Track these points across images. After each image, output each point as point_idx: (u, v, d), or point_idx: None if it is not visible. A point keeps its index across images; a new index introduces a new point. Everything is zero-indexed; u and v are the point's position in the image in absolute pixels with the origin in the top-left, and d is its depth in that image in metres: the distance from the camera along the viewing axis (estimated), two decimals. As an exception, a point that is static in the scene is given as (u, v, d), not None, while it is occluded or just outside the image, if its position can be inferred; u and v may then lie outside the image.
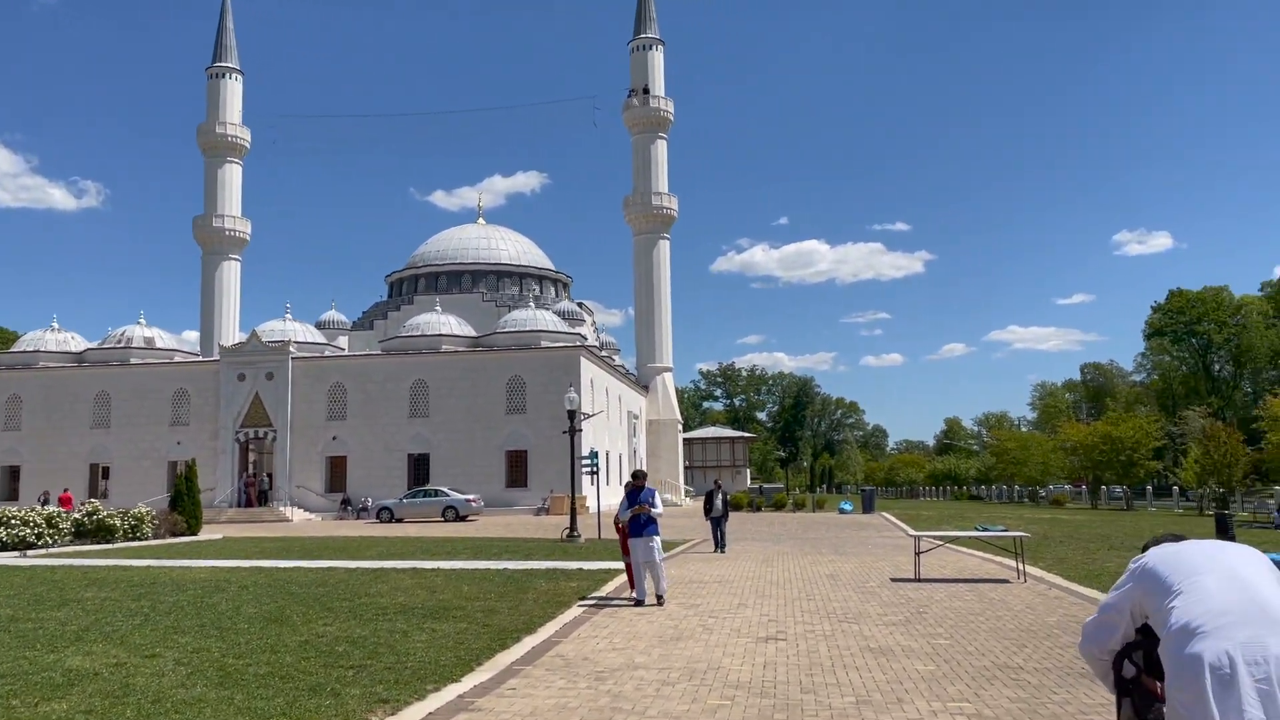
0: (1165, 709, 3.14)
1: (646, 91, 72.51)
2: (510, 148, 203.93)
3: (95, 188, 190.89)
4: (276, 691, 8.12)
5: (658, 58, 74.07)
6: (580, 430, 31.98)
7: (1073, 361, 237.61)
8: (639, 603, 13.55)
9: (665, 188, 72.74)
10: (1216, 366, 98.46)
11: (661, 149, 73.27)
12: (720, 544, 24.45)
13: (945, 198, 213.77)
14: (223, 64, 76.35)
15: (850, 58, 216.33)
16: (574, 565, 20.03)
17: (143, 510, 31.12)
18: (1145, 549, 3.59)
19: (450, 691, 8.15)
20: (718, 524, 24.78)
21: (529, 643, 10.58)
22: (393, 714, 7.39)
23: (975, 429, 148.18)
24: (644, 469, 14.76)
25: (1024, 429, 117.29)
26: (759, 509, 52.68)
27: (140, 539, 30.00)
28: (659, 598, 13.71)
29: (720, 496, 25.10)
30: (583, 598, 14.51)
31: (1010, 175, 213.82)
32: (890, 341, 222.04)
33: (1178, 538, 3.59)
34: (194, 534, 32.77)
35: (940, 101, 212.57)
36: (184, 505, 32.77)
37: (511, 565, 20.24)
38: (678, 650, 10.08)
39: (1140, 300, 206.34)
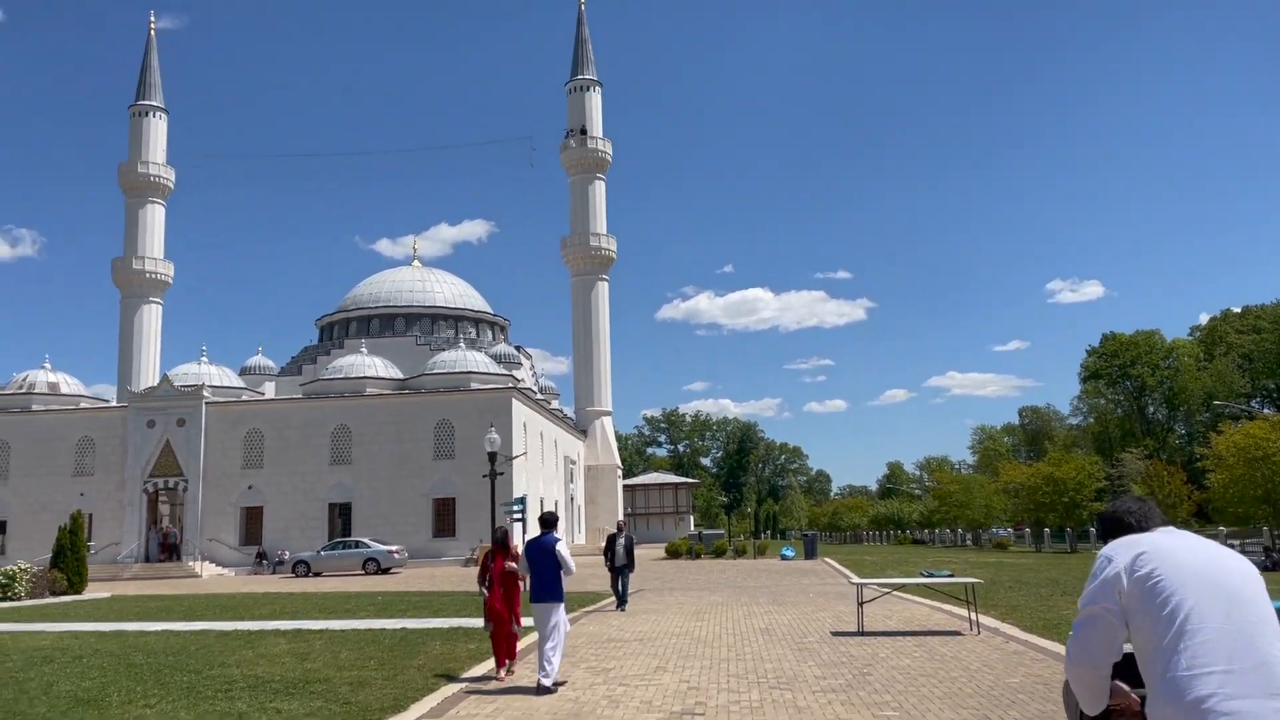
0: None
1: (584, 132, 71.43)
2: (453, 194, 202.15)
3: (30, 236, 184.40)
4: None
5: (595, 99, 73.13)
6: (502, 474, 29.88)
7: (1010, 406, 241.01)
8: (538, 686, 10.24)
9: (604, 228, 71.43)
10: (1151, 409, 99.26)
11: (599, 190, 72.05)
12: (621, 599, 20.44)
13: (886, 247, 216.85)
14: (146, 102, 73.72)
15: (793, 106, 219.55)
16: (481, 622, 17.91)
17: (17, 568, 28.20)
18: (1109, 525, 3.35)
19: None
20: (620, 574, 20.63)
21: (385, 727, 8.55)
22: None
23: (917, 473, 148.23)
24: (554, 512, 11.95)
25: (965, 472, 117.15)
26: (698, 556, 50.69)
27: (11, 599, 27.08)
28: (551, 685, 10.21)
29: (623, 541, 20.95)
30: (473, 665, 12.48)
31: (948, 225, 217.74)
32: (833, 388, 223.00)
33: (1143, 505, 3.36)
34: (77, 593, 29.84)
35: (881, 152, 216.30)
36: (67, 562, 29.86)
37: (412, 624, 18.07)
38: (566, 734, 8.14)
39: (1074, 347, 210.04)
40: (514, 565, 11.50)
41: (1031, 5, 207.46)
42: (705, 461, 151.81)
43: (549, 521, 11.00)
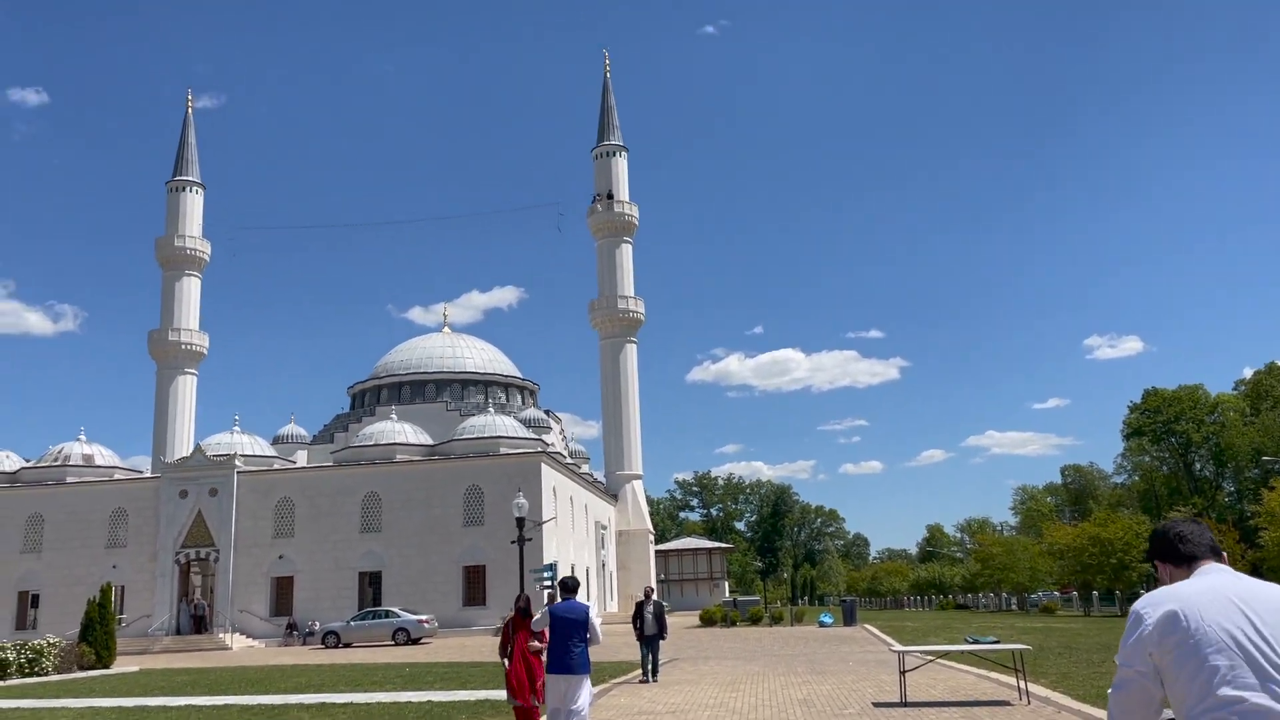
0: None
1: (610, 197, 72.02)
2: (483, 261, 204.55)
3: (72, 311, 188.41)
4: None
5: (621, 164, 73.87)
6: (530, 540, 29.37)
7: (1052, 465, 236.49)
8: None
9: (631, 291, 71.57)
10: (1198, 466, 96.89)
11: (627, 253, 72.37)
12: (652, 671, 19.33)
13: (917, 305, 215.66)
14: (183, 177, 75.45)
15: (820, 164, 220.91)
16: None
17: (45, 642, 27.95)
18: (1156, 545, 3.29)
19: None
20: (650, 644, 19.52)
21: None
22: None
23: (958, 535, 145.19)
24: (575, 577, 11.29)
25: (1007, 534, 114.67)
26: (734, 623, 49.50)
27: (39, 674, 26.77)
28: None
29: (652, 608, 19.76)
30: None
31: (980, 281, 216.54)
32: (869, 448, 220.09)
33: (1195, 529, 3.26)
34: (105, 667, 29.51)
35: (910, 208, 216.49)
36: (95, 635, 29.59)
37: (439, 696, 17.52)
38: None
39: (1115, 403, 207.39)
40: (536, 644, 10.93)
41: (1063, 56, 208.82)
42: (739, 526, 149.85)
43: (570, 587, 10.36)
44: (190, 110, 77.02)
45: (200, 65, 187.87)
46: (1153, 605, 3.07)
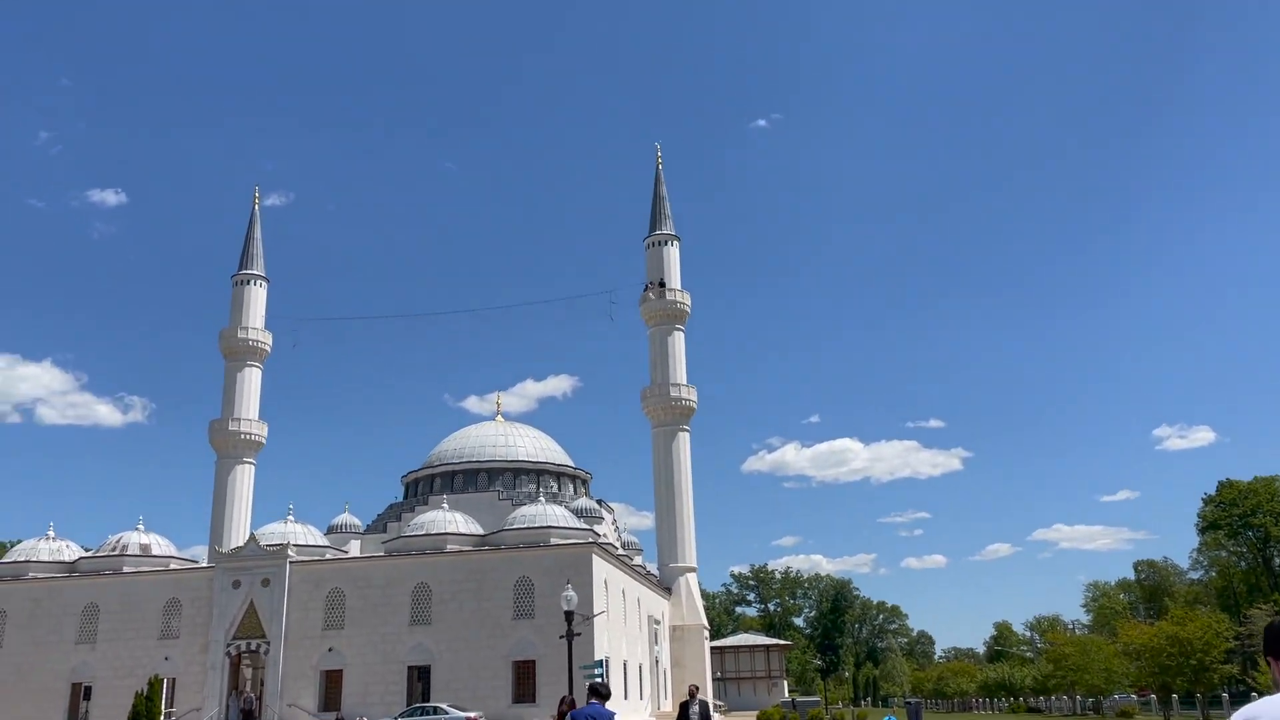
0: None
1: (662, 285, 72.44)
2: (536, 350, 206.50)
3: (141, 402, 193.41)
4: None
5: (673, 252, 74.46)
6: (579, 634, 28.57)
7: (1123, 560, 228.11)
8: None
9: (684, 379, 71.29)
10: (1277, 561, 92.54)
11: (679, 341, 72.36)
12: None
13: (979, 393, 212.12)
14: (248, 271, 77.66)
15: (876, 247, 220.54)
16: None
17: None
18: (1270, 638, 3.32)
19: None
20: None
21: None
22: None
23: (1027, 633, 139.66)
24: (606, 684, 10.54)
25: (1079, 632, 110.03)
26: (793, 725, 47.51)
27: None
28: None
29: (697, 709, 18.61)
30: None
31: (1044, 370, 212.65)
32: (932, 542, 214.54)
33: None
34: (148, 761, 29.05)
35: (970, 295, 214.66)
36: (139, 728, 29.21)
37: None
38: None
39: (1188, 495, 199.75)
40: None
41: (1120, 148, 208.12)
42: (798, 621, 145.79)
43: (601, 692, 9.72)
44: (256, 207, 79.79)
45: (269, 162, 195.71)
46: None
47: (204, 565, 54.51)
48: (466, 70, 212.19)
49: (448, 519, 52.06)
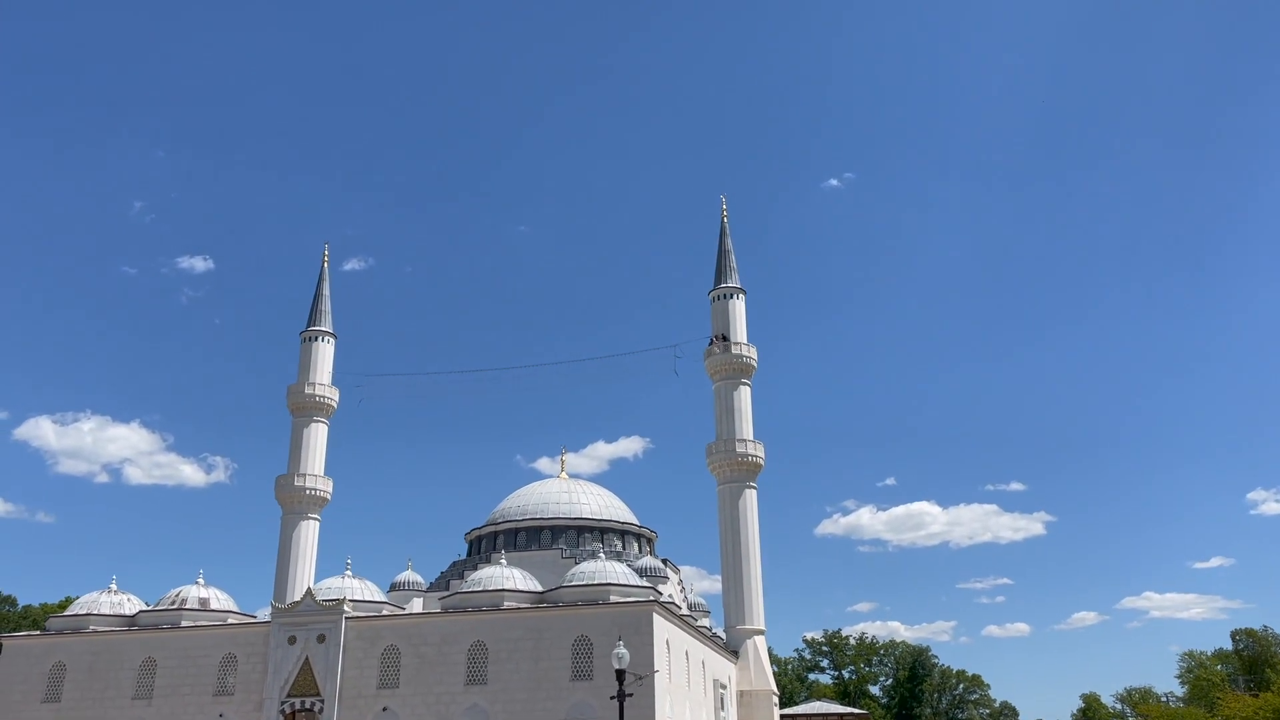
0: None
1: (726, 339, 71.05)
2: (606, 411, 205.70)
3: (224, 462, 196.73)
4: None
5: (739, 306, 73.14)
6: (630, 694, 26.80)
7: (1217, 629, 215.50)
8: None
9: (750, 434, 69.36)
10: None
11: (745, 395, 70.62)
12: None
13: (1062, 455, 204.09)
14: (316, 328, 78.49)
15: (952, 304, 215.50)
16: None
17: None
18: None
19: None
20: None
21: None
22: None
23: (1117, 706, 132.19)
24: None
25: (1174, 704, 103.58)
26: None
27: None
28: None
29: None
30: None
31: (1130, 431, 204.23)
32: (1014, 609, 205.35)
33: None
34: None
35: (1050, 353, 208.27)
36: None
37: None
38: None
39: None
40: None
41: (1206, 207, 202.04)
42: (874, 690, 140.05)
43: None
44: (325, 264, 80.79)
45: (350, 228, 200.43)
46: None
47: (261, 620, 53.83)
48: (540, 134, 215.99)
49: (505, 575, 50.68)
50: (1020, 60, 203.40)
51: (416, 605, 67.84)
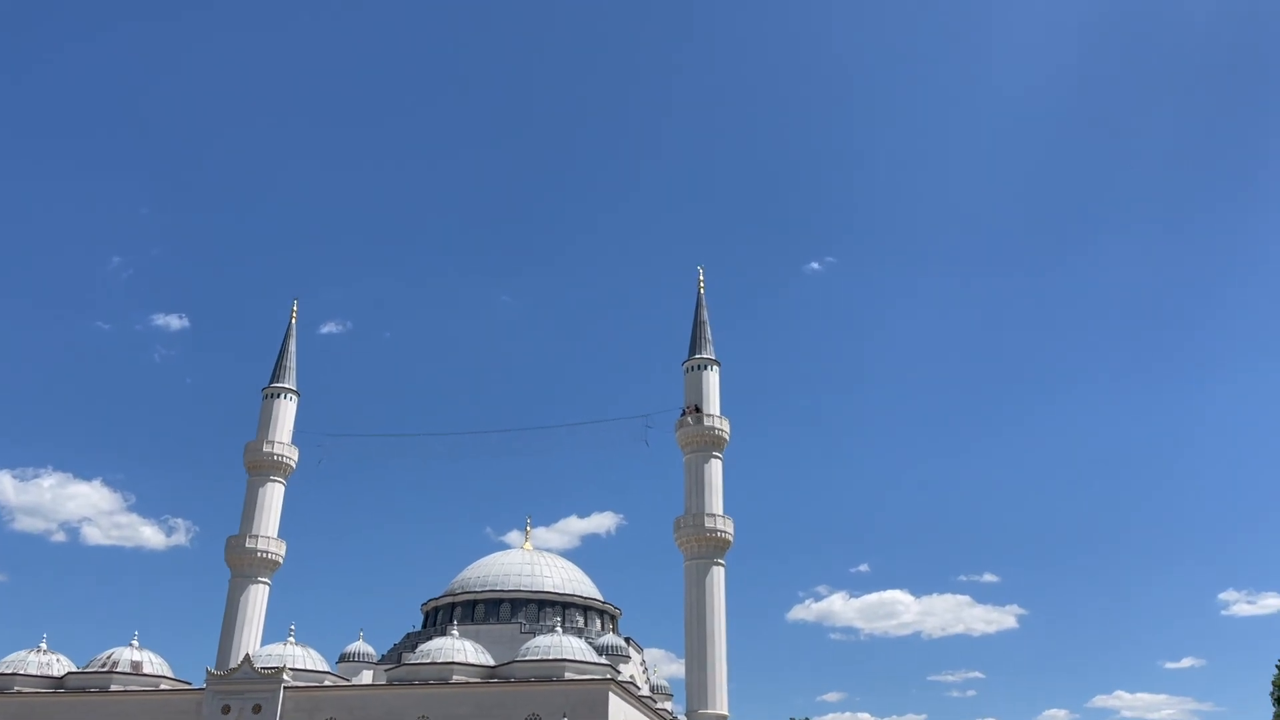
0: None
1: (698, 410, 69.62)
2: (575, 483, 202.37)
3: (185, 524, 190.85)
4: None
5: (712, 378, 71.89)
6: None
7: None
8: None
9: (720, 509, 67.43)
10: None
11: (716, 469, 68.89)
12: None
13: (1036, 548, 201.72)
14: (279, 384, 76.53)
15: (927, 391, 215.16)
16: None
17: None
18: None
19: None
20: None
21: None
22: None
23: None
24: None
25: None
26: None
27: None
28: None
29: None
30: None
31: (1104, 527, 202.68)
32: (985, 704, 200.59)
33: None
34: None
35: (1024, 447, 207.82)
36: None
37: None
38: None
39: (1258, 664, 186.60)
40: None
41: (1196, 290, 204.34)
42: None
43: None
44: (294, 320, 79.19)
45: (332, 290, 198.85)
46: None
47: (195, 687, 50.88)
48: (529, 206, 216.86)
49: (455, 647, 48.28)
50: (1003, 149, 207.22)
51: (366, 677, 64.78)
